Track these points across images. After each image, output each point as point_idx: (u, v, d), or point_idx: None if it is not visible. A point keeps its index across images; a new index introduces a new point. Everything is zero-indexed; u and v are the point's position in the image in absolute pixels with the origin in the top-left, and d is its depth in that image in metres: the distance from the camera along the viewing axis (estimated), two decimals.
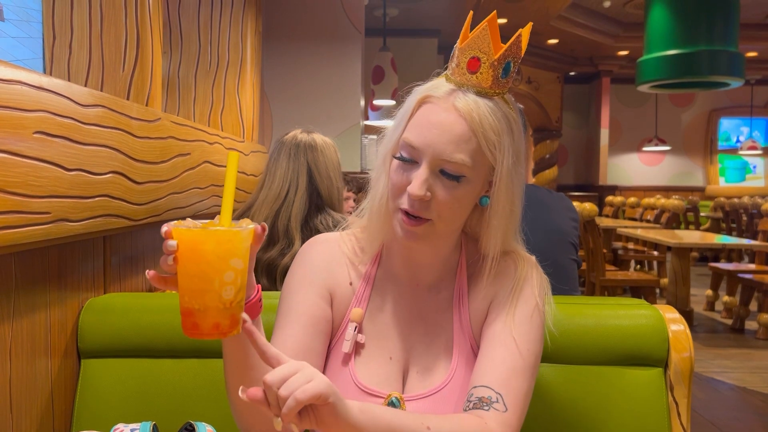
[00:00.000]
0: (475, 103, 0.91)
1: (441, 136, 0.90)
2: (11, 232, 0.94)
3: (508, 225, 0.98)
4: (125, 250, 1.49)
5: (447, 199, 0.91)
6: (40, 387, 1.14)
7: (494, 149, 0.91)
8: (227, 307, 0.73)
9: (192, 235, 0.72)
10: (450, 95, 0.92)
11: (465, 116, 0.90)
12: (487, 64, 0.91)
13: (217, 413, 1.21)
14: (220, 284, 0.72)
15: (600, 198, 10.53)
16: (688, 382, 1.21)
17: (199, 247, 0.72)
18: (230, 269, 0.73)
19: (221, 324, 0.74)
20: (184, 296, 0.73)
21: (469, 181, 0.92)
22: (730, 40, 5.71)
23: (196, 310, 0.73)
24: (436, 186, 0.91)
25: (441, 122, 0.91)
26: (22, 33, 1.48)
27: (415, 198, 0.90)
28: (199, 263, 0.72)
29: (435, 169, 0.91)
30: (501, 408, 0.90)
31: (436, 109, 0.92)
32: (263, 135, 3.79)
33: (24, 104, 0.97)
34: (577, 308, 1.24)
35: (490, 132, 0.91)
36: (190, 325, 0.74)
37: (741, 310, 5.30)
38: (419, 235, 0.94)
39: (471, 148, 0.90)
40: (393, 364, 1.00)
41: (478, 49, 0.91)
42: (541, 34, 9.32)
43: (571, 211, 1.94)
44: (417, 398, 0.97)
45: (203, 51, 2.70)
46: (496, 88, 0.92)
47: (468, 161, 0.90)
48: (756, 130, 12.10)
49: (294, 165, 1.74)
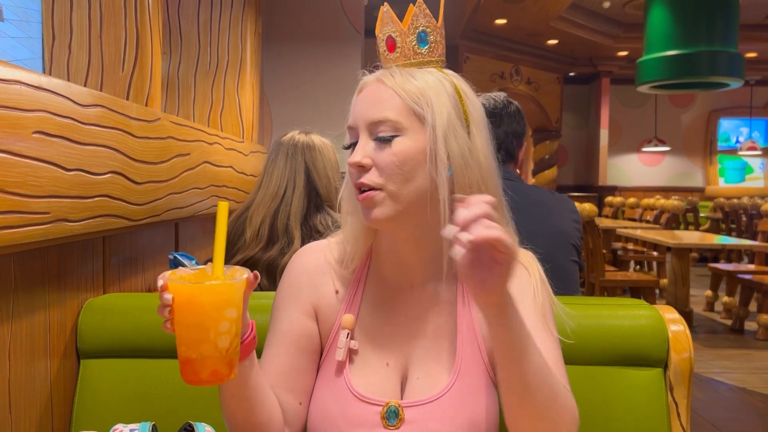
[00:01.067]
0: (400, 71, 0.94)
1: (366, 104, 0.94)
2: (10, 232, 0.93)
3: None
4: (125, 250, 1.49)
5: (388, 160, 0.91)
6: (39, 387, 1.14)
7: (420, 102, 0.91)
8: (223, 355, 0.77)
9: (187, 289, 0.75)
10: (377, 76, 0.96)
11: (386, 82, 0.94)
12: (401, 39, 0.96)
13: (217, 414, 1.20)
14: (216, 334, 0.76)
15: (599, 198, 10.53)
16: (688, 383, 1.20)
17: (195, 300, 0.75)
18: (225, 319, 0.76)
19: (219, 371, 0.77)
20: (182, 346, 0.76)
21: (405, 138, 0.91)
22: (730, 40, 5.72)
23: (194, 359, 0.76)
24: (376, 153, 0.92)
25: (365, 94, 0.95)
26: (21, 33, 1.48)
27: (354, 165, 0.92)
28: (195, 315, 0.75)
29: (371, 136, 0.93)
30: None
31: (365, 90, 0.96)
32: (263, 135, 3.78)
33: (23, 104, 0.97)
34: (576, 308, 1.24)
35: (412, 88, 0.92)
36: (190, 373, 0.77)
37: (740, 311, 5.30)
38: (376, 209, 0.91)
39: (395, 104, 0.92)
40: (390, 371, 0.97)
41: (388, 26, 0.96)
42: (540, 34, 9.33)
43: (574, 213, 1.93)
44: (417, 404, 0.93)
45: (203, 51, 2.70)
46: (417, 58, 0.96)
47: (393, 116, 0.91)
48: (755, 131, 12.11)
49: (292, 164, 1.74)
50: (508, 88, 9.90)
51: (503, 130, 1.98)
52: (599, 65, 10.96)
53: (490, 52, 9.66)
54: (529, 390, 0.83)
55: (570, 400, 0.89)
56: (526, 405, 0.84)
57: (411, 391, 0.96)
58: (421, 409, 0.93)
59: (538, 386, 0.83)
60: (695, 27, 5.70)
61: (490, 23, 8.74)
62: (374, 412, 0.93)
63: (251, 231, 1.67)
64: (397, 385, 0.97)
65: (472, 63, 9.42)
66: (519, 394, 0.83)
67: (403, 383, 0.97)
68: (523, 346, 0.81)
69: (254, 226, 1.67)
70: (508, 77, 10.02)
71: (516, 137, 2.01)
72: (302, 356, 1.00)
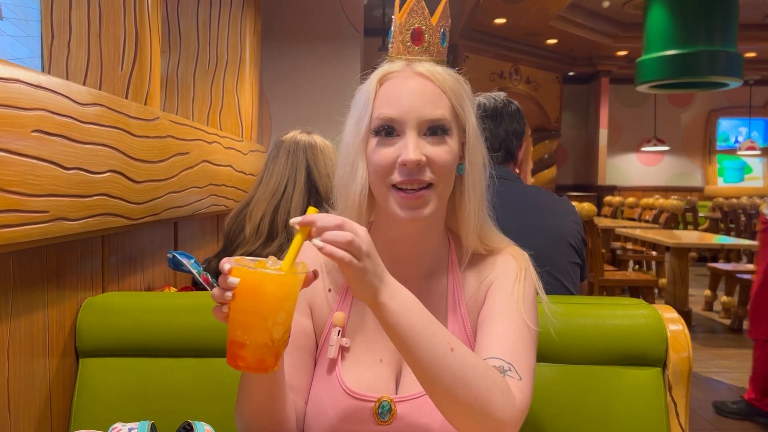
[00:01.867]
0: (433, 67, 0.95)
1: (418, 99, 0.93)
2: (9, 231, 0.93)
3: (480, 204, 0.99)
4: (123, 249, 1.49)
5: (443, 157, 0.92)
6: (38, 386, 1.14)
7: (463, 106, 0.96)
8: (274, 345, 0.78)
9: (256, 276, 0.77)
10: (407, 66, 0.96)
11: (431, 77, 0.94)
12: (430, 33, 0.96)
13: (216, 412, 1.21)
14: (273, 324, 0.77)
15: (599, 198, 10.53)
16: (687, 382, 1.21)
17: (261, 287, 0.77)
18: (284, 311, 0.78)
19: (266, 360, 0.78)
20: (236, 330, 0.78)
21: (452, 138, 0.94)
22: (729, 40, 5.72)
23: (246, 345, 0.77)
24: (429, 149, 0.92)
25: (411, 87, 0.94)
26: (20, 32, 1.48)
27: (413, 163, 0.90)
28: (258, 302, 0.77)
29: (420, 132, 0.92)
30: (515, 376, 0.89)
31: (399, 80, 0.95)
32: (262, 135, 3.78)
33: (22, 103, 0.97)
34: (575, 308, 1.24)
35: (456, 89, 0.95)
36: (237, 358, 0.78)
37: (739, 311, 5.30)
38: (428, 206, 0.93)
39: (446, 104, 0.94)
40: (384, 367, 0.98)
41: (420, 17, 0.96)
42: (540, 34, 9.33)
43: (573, 214, 1.93)
44: (410, 398, 0.95)
45: (202, 50, 2.70)
46: (441, 55, 0.98)
47: (447, 116, 0.93)
48: (755, 131, 12.12)
49: (293, 161, 1.74)
50: (507, 88, 9.90)
51: (503, 129, 1.98)
52: (598, 65, 10.96)
53: (490, 52, 9.65)
54: (425, 379, 0.83)
55: (497, 390, 0.84)
56: (430, 393, 0.85)
57: (405, 386, 0.97)
58: (412, 404, 0.94)
59: (434, 377, 0.82)
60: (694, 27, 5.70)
61: (489, 23, 8.74)
62: (366, 409, 0.94)
63: (251, 226, 1.67)
64: (392, 380, 0.98)
65: (471, 62, 9.42)
66: (420, 382, 0.85)
67: (398, 379, 0.98)
68: (407, 339, 0.82)
69: (254, 221, 1.67)
70: (507, 77, 10.02)
71: (516, 137, 2.01)
72: (302, 355, 1.00)
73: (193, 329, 1.25)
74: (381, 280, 0.82)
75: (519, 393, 0.87)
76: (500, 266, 1.01)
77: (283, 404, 0.93)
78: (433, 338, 0.83)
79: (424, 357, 0.82)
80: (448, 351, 0.83)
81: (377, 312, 0.82)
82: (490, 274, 1.01)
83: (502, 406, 0.84)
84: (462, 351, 0.84)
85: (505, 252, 1.03)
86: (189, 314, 1.26)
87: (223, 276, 0.77)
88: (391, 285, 0.83)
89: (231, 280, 0.76)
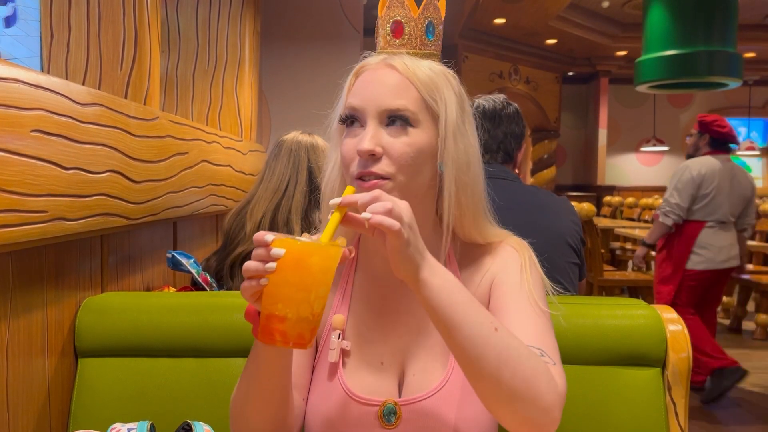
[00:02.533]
0: (409, 59, 0.93)
1: (380, 88, 0.91)
2: (8, 231, 0.93)
3: (474, 201, 0.96)
4: (123, 249, 1.49)
5: (401, 149, 0.89)
6: (37, 386, 1.14)
7: (435, 97, 0.92)
8: (313, 320, 0.77)
9: (302, 246, 0.75)
10: (383, 59, 0.94)
11: (399, 69, 0.92)
12: (411, 25, 0.94)
13: (215, 413, 1.21)
14: (316, 297, 0.76)
15: (598, 198, 10.54)
16: (686, 383, 1.21)
17: (307, 259, 0.75)
18: (325, 284, 0.77)
19: (304, 335, 0.76)
20: (277, 304, 0.75)
21: (419, 130, 0.90)
22: (729, 40, 5.71)
23: (287, 319, 0.75)
24: (386, 140, 0.89)
25: (377, 78, 0.92)
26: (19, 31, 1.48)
27: (365, 152, 0.87)
28: (303, 274, 0.75)
29: (382, 122, 0.90)
30: (550, 361, 0.86)
31: (370, 72, 0.93)
32: (261, 134, 3.78)
33: (21, 102, 0.97)
34: (574, 308, 1.24)
35: (428, 80, 0.91)
36: (275, 332, 0.75)
37: (739, 311, 5.31)
38: None
39: (412, 95, 0.91)
40: (386, 369, 0.96)
41: (399, 8, 0.94)
42: (539, 34, 9.33)
43: (572, 214, 1.93)
44: (414, 401, 0.93)
45: (201, 50, 2.70)
46: (424, 48, 0.95)
47: (410, 106, 0.90)
48: (754, 131, 12.12)
49: (295, 160, 1.74)
50: (506, 88, 9.91)
51: (502, 131, 1.99)
52: (598, 65, 10.96)
53: (489, 52, 9.66)
54: (468, 361, 0.79)
55: (541, 373, 0.81)
56: (473, 377, 0.81)
57: (408, 388, 0.95)
58: (417, 406, 0.92)
59: (479, 357, 0.78)
60: (694, 27, 5.69)
61: (488, 23, 8.74)
62: (371, 412, 0.93)
63: (252, 224, 1.67)
64: (395, 383, 0.96)
65: (470, 62, 9.42)
66: (462, 366, 0.81)
67: (401, 381, 0.96)
68: (450, 318, 0.79)
69: (255, 219, 1.67)
70: (506, 76, 10.02)
71: (515, 138, 2.02)
72: (301, 353, 0.99)
73: (192, 329, 1.25)
74: (422, 255, 0.80)
75: (558, 378, 0.85)
76: (501, 258, 0.99)
77: (288, 398, 0.91)
78: (477, 317, 0.80)
79: (468, 336, 0.79)
80: (492, 330, 0.80)
81: (418, 289, 0.79)
82: (491, 268, 0.99)
83: (547, 389, 0.80)
84: (505, 332, 0.82)
85: (505, 244, 1.01)
86: (188, 314, 1.26)
87: (263, 247, 0.75)
88: (430, 261, 0.81)
89: (276, 251, 0.74)
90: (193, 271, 1.57)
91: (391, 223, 0.75)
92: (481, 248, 1.02)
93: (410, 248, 0.78)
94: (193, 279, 1.60)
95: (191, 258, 1.61)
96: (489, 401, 0.82)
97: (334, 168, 0.97)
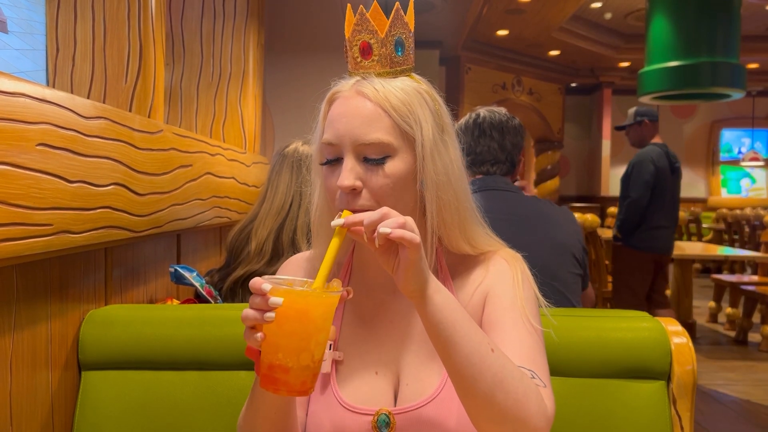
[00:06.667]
0: (380, 84, 0.91)
1: (352, 122, 0.90)
2: (13, 244, 0.94)
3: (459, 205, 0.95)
4: (127, 261, 1.49)
5: (380, 183, 0.89)
6: (40, 399, 1.14)
7: (409, 121, 0.91)
8: (315, 366, 0.77)
9: (299, 297, 0.75)
10: (354, 85, 0.93)
11: (370, 97, 0.90)
12: (378, 45, 0.92)
13: (218, 426, 1.20)
14: (316, 344, 0.76)
15: (602, 209, 10.52)
16: (691, 395, 1.20)
17: (309, 309, 0.75)
18: (325, 330, 0.77)
19: (307, 382, 0.77)
20: (278, 353, 0.75)
21: (396, 159, 0.90)
22: (732, 51, 5.72)
23: (288, 368, 0.75)
24: (366, 174, 0.89)
25: (348, 110, 0.91)
26: (25, 45, 1.49)
27: (346, 189, 0.88)
28: (304, 324, 0.75)
29: (359, 157, 0.90)
30: (540, 383, 0.87)
31: (342, 101, 0.93)
32: (265, 146, 3.79)
33: (27, 116, 0.97)
34: (578, 320, 1.24)
35: (400, 105, 0.90)
36: (278, 382, 0.76)
37: (744, 322, 5.28)
38: None
39: (385, 125, 0.89)
40: (380, 379, 0.96)
41: (365, 32, 0.92)
42: (542, 45, 9.36)
43: (574, 224, 1.93)
44: (408, 411, 0.93)
45: (205, 63, 2.71)
46: (395, 66, 0.93)
47: (386, 138, 0.89)
48: (758, 141, 12.11)
49: (297, 177, 1.73)
50: (509, 99, 9.93)
51: (509, 141, 2.00)
52: (601, 76, 10.98)
53: (492, 63, 9.69)
54: (464, 379, 0.80)
55: (532, 395, 0.82)
56: (467, 396, 0.82)
57: (403, 397, 0.95)
58: (411, 415, 0.93)
59: (475, 377, 0.80)
60: (697, 38, 5.71)
61: (491, 34, 8.77)
62: (365, 422, 0.93)
63: (255, 244, 1.66)
64: (390, 392, 0.96)
65: (473, 74, 9.45)
66: (457, 384, 0.82)
67: (395, 390, 0.96)
68: (451, 336, 0.80)
69: (259, 239, 1.66)
70: (509, 88, 10.05)
71: (518, 150, 2.03)
72: None
73: (196, 342, 1.25)
74: (428, 271, 0.80)
75: (548, 400, 0.86)
76: (494, 271, 0.99)
77: (295, 419, 0.92)
78: (475, 336, 0.81)
79: (466, 355, 0.79)
80: (489, 351, 0.81)
81: (422, 305, 0.80)
82: (485, 280, 0.99)
83: (536, 412, 0.82)
84: (500, 353, 0.83)
85: (498, 256, 1.01)
86: (192, 327, 1.26)
87: (261, 296, 0.74)
88: (433, 279, 0.81)
89: (274, 300, 0.73)
90: (197, 284, 1.57)
91: (412, 236, 0.75)
92: (473, 259, 1.02)
93: (422, 262, 0.78)
94: (197, 292, 1.60)
95: (194, 271, 1.61)
96: (478, 419, 0.83)
97: (320, 197, 0.98)
